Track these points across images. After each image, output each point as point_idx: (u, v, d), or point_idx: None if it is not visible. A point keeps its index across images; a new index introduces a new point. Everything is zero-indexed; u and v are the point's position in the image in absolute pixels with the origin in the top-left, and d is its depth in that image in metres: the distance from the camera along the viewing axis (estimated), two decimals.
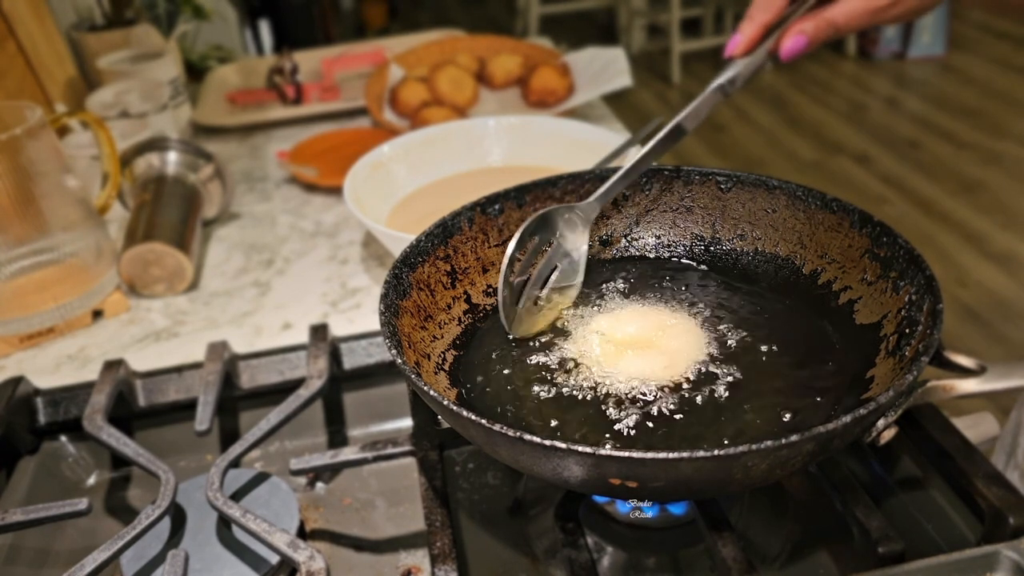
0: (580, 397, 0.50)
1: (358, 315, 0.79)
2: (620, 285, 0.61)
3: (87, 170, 0.96)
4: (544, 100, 1.16)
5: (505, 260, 0.54)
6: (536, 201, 0.62)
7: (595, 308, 0.58)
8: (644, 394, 0.50)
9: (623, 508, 0.54)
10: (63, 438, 0.66)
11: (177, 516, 0.56)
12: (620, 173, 0.59)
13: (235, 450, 0.57)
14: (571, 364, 0.53)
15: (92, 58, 1.24)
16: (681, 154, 3.11)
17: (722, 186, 0.62)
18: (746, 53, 0.57)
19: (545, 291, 0.58)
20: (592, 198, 0.59)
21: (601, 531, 0.55)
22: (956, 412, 0.57)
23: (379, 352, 0.68)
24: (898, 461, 0.57)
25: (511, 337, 0.56)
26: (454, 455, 0.62)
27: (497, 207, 0.61)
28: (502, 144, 0.93)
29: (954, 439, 0.52)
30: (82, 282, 0.79)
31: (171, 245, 0.81)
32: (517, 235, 0.55)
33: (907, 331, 0.48)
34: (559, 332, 0.57)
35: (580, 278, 0.60)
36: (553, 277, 0.58)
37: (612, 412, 0.49)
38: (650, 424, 0.48)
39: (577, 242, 0.59)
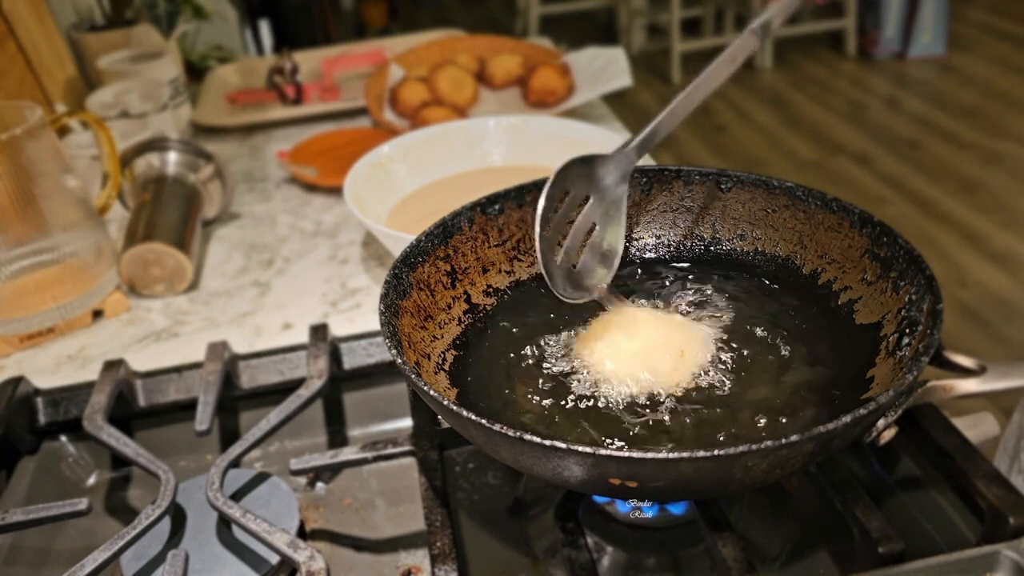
0: (581, 398, 0.50)
1: (358, 315, 0.79)
2: (620, 286, 0.61)
3: (87, 170, 0.96)
4: (544, 100, 1.16)
5: (538, 214, 0.51)
6: (536, 201, 0.62)
7: (595, 309, 0.58)
8: (644, 394, 0.50)
9: (623, 508, 0.54)
10: (63, 438, 0.66)
11: (177, 516, 0.56)
12: (659, 118, 0.55)
13: (235, 450, 0.57)
14: (572, 365, 0.53)
15: (92, 58, 1.24)
16: (681, 154, 3.11)
17: (722, 186, 0.62)
18: None
19: (586, 249, 0.55)
20: (630, 147, 0.55)
21: (601, 531, 0.55)
22: (956, 412, 0.57)
23: (379, 352, 0.68)
24: (898, 461, 0.57)
25: (563, 300, 0.52)
26: (454, 455, 0.62)
27: (497, 207, 0.61)
28: (502, 144, 0.93)
29: (954, 439, 0.52)
30: (82, 282, 0.79)
31: (171, 245, 0.81)
32: (550, 181, 0.51)
33: (907, 331, 0.48)
34: (560, 332, 0.57)
35: (623, 233, 0.56)
36: (594, 235, 0.55)
37: (613, 413, 0.49)
38: (649, 424, 0.48)
39: (616, 194, 0.56)
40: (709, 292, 0.59)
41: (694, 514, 0.50)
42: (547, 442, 0.38)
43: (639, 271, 0.63)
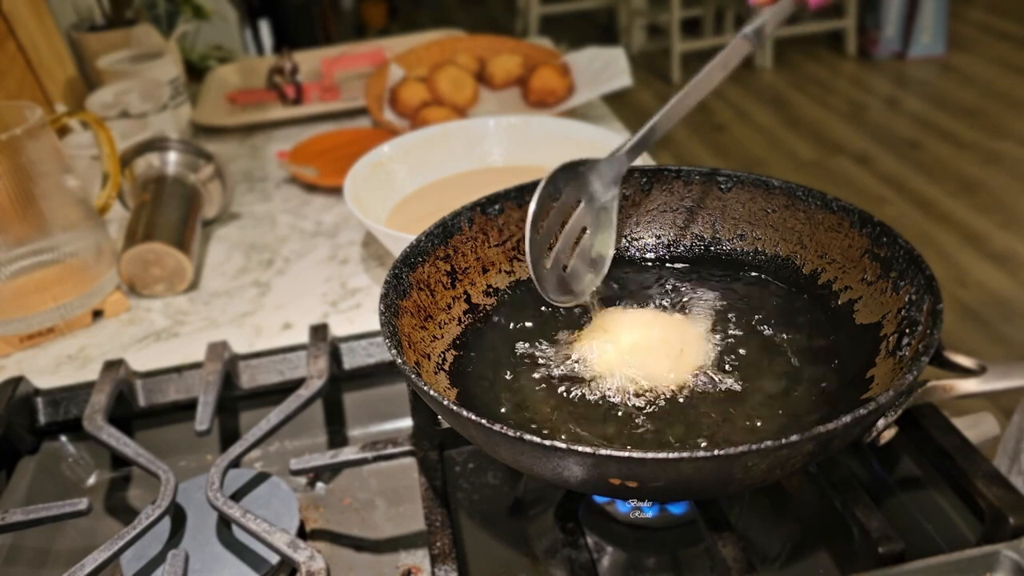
0: (581, 398, 0.50)
1: (358, 315, 0.79)
2: (620, 286, 0.61)
3: (87, 170, 0.96)
4: (544, 100, 1.16)
5: (529, 217, 0.51)
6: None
7: (596, 309, 0.58)
8: (645, 396, 0.50)
9: (623, 508, 0.54)
10: (63, 438, 0.66)
11: (177, 516, 0.56)
12: (648, 126, 0.55)
13: (235, 450, 0.57)
14: (572, 365, 0.53)
15: (92, 58, 1.24)
16: (681, 154, 3.11)
17: (722, 186, 0.62)
18: (773, 1, 0.56)
19: (576, 253, 0.56)
20: (623, 151, 0.56)
21: (601, 531, 0.55)
22: (956, 412, 0.57)
23: (379, 352, 0.68)
24: (898, 461, 0.57)
25: (551, 304, 0.54)
26: (454, 455, 0.62)
27: (497, 207, 0.61)
28: (502, 144, 0.93)
29: (954, 439, 0.52)
30: (82, 282, 0.79)
31: (171, 245, 0.81)
32: (542, 183, 0.52)
33: (907, 331, 0.48)
34: (559, 332, 0.57)
35: (613, 239, 0.57)
36: (584, 239, 0.56)
37: (613, 411, 0.49)
38: (650, 425, 0.48)
39: (606, 199, 0.56)
40: (708, 292, 0.59)
41: (694, 514, 0.50)
42: (547, 442, 0.38)
43: (639, 271, 0.63)
